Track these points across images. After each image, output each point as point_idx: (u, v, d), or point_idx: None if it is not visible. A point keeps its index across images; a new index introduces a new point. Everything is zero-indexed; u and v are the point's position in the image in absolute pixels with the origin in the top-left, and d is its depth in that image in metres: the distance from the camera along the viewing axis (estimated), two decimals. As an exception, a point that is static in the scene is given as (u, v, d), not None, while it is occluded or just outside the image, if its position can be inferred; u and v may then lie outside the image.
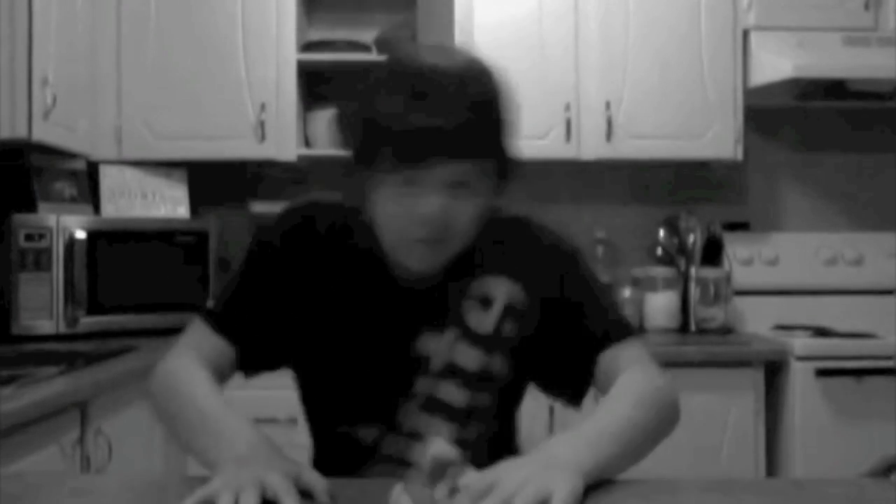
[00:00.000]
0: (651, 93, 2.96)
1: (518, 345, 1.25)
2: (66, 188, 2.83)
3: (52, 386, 1.88)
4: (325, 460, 1.32)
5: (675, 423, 1.17)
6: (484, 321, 1.24)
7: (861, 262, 3.18)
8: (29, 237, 2.58)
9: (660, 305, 3.06)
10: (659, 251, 3.21)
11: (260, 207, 3.09)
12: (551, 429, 2.57)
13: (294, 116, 2.92)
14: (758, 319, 3.07)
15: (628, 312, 3.06)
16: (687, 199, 3.28)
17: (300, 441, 1.39)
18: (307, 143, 3.03)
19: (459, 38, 2.88)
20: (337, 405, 1.27)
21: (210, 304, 1.32)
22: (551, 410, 2.57)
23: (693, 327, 3.05)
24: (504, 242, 1.27)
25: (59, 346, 2.47)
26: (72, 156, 2.80)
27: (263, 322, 1.26)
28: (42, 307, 2.59)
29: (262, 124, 2.89)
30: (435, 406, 1.23)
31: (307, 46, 3.00)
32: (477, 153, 1.12)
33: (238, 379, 1.30)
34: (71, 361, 2.12)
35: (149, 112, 2.90)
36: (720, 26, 2.97)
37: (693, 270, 3.09)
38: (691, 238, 3.15)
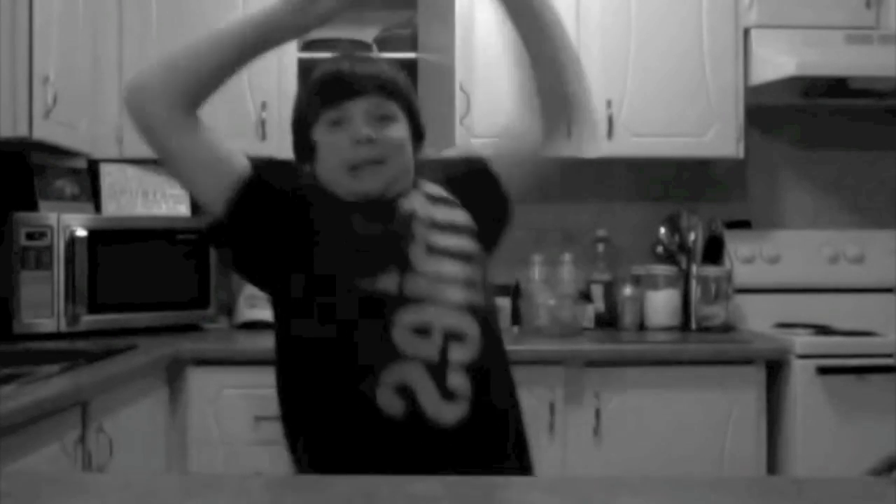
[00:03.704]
0: (652, 91, 2.96)
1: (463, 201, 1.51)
2: (67, 186, 2.82)
3: (53, 384, 1.88)
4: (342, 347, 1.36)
5: None
6: (435, 189, 1.50)
7: (862, 260, 3.18)
8: (30, 236, 2.58)
9: (661, 303, 3.06)
10: (660, 249, 3.21)
11: (261, 206, 3.08)
12: (552, 427, 2.57)
13: (295, 115, 2.91)
14: (759, 317, 3.07)
15: (629, 310, 3.06)
16: (688, 197, 3.28)
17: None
18: (308, 142, 3.02)
19: (460, 36, 2.88)
20: (354, 264, 1.38)
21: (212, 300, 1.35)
22: (552, 409, 2.57)
23: (694, 325, 3.05)
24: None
25: (60, 345, 2.47)
26: (73, 154, 2.79)
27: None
28: (43, 305, 2.59)
29: (262, 123, 2.89)
30: (435, 250, 1.41)
31: (308, 45, 2.99)
32: (391, 93, 1.44)
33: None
34: (72, 360, 2.12)
35: (150, 110, 2.90)
36: (721, 24, 2.97)
37: (694, 268, 3.09)
38: (692, 236, 3.15)
